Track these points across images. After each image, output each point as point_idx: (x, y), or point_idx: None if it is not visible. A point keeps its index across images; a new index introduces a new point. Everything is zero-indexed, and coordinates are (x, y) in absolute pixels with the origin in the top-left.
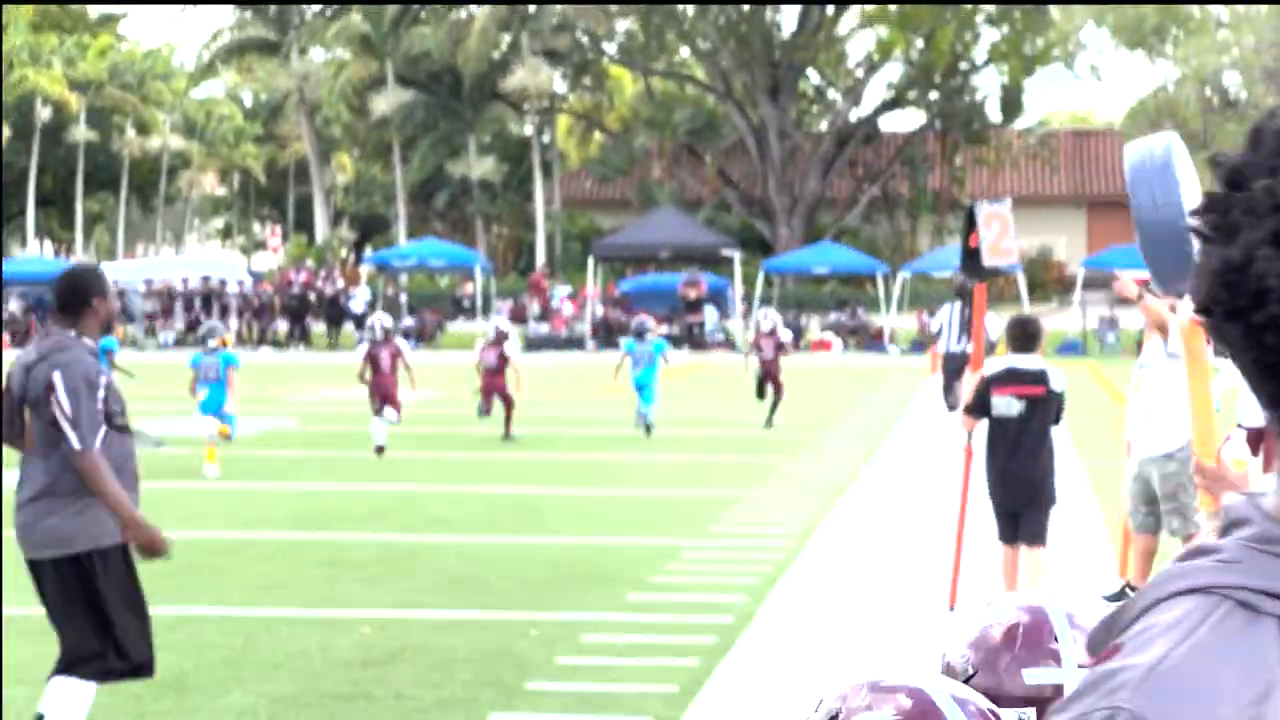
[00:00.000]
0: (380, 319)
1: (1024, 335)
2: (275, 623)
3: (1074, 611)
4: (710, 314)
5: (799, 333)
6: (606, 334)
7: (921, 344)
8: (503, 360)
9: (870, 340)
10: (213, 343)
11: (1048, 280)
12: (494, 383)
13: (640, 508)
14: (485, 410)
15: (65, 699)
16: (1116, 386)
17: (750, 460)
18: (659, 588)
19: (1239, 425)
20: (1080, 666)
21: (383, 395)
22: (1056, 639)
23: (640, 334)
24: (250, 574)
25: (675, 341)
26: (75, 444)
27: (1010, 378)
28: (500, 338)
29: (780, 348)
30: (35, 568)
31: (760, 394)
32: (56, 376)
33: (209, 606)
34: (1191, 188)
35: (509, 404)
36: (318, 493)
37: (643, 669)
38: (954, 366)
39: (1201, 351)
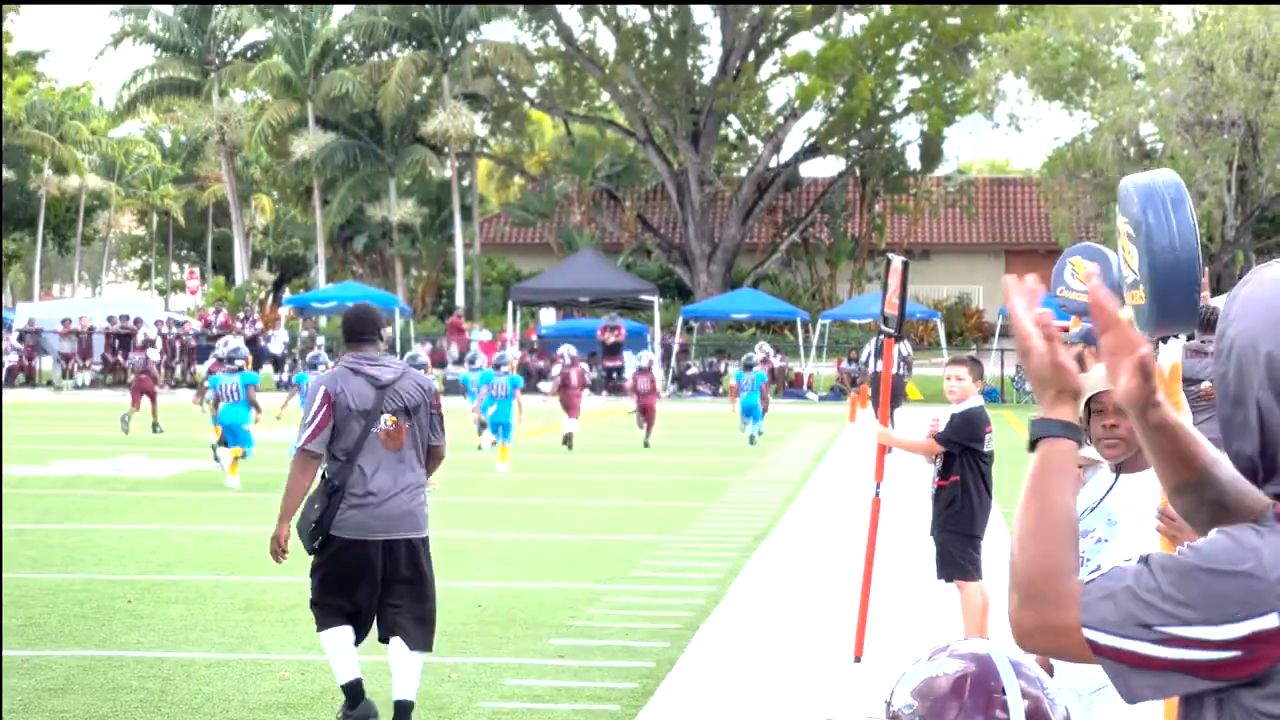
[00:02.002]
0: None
1: (983, 376)
2: (194, 665)
3: (1020, 660)
4: (629, 359)
5: (718, 378)
6: (526, 378)
7: (841, 390)
8: (653, 383)
9: (790, 386)
10: (239, 362)
11: (966, 328)
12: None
13: (562, 552)
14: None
15: None
16: None
17: (671, 505)
18: (581, 632)
19: None
20: (1027, 717)
21: None
22: (1004, 690)
23: (749, 366)
24: (168, 616)
25: (593, 386)
26: None
27: (986, 416)
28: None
29: (653, 385)
30: None
31: (640, 423)
32: None
33: (126, 649)
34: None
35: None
36: (237, 534)
37: (565, 714)
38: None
39: (1179, 401)
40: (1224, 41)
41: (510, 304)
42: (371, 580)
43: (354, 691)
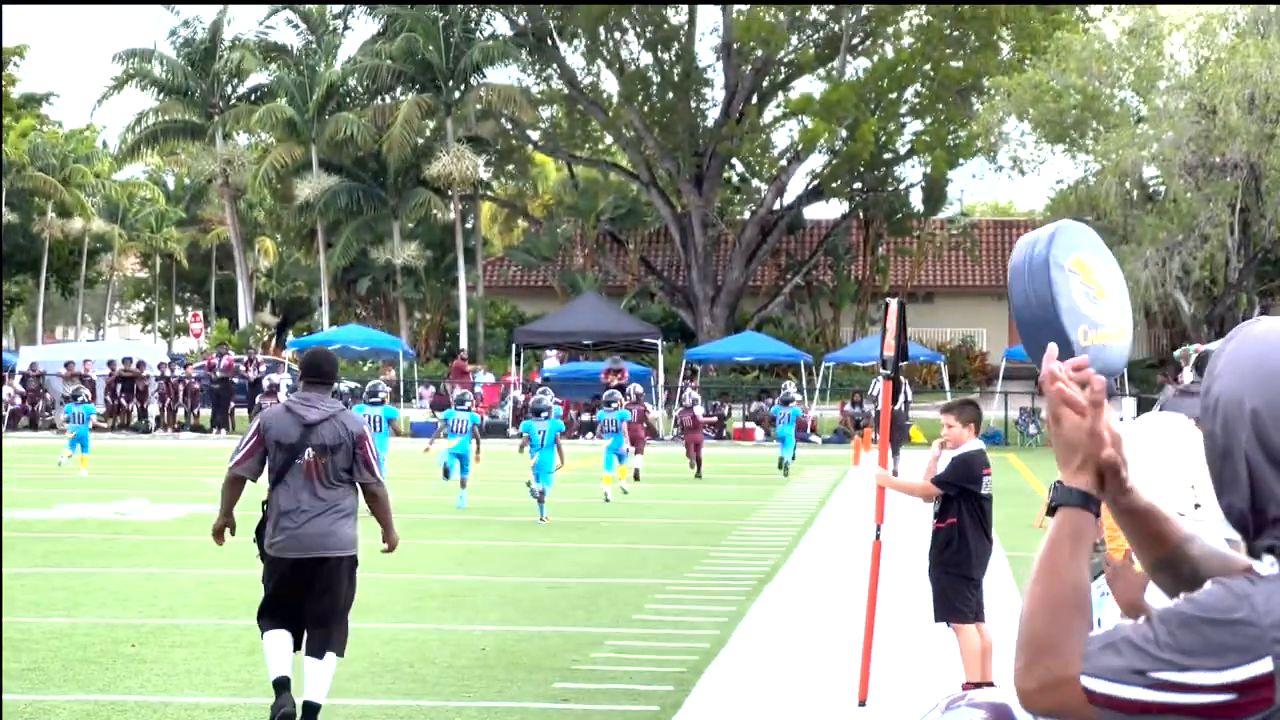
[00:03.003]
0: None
1: (979, 419)
2: (198, 710)
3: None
4: (636, 412)
5: (722, 421)
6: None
7: (844, 433)
8: (695, 420)
9: (800, 431)
10: (381, 396)
11: (970, 370)
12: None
13: (565, 595)
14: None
15: None
16: (1039, 477)
17: (675, 548)
18: (585, 676)
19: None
20: None
21: None
22: None
23: (786, 401)
24: (172, 660)
25: (594, 428)
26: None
27: (985, 458)
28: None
29: (695, 421)
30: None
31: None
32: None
33: (130, 694)
34: (1082, 279)
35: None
36: (240, 578)
37: None
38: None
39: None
40: (1226, 85)
41: (514, 347)
42: (297, 593)
43: (281, 686)
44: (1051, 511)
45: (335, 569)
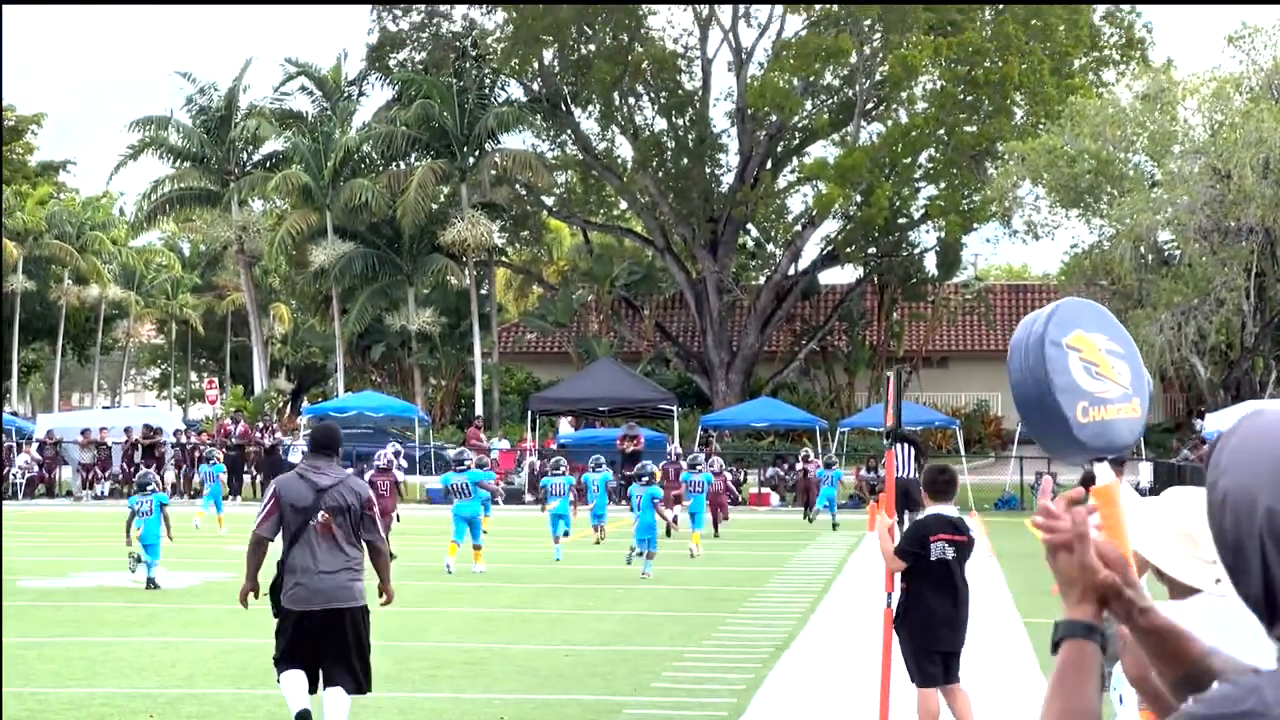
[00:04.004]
0: (468, 454)
1: (948, 484)
2: None
3: None
4: (655, 473)
5: (737, 486)
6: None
7: (859, 498)
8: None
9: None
10: (467, 462)
11: (985, 435)
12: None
13: (582, 663)
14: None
15: None
16: None
17: (692, 615)
18: None
19: None
20: None
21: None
22: None
23: (829, 464)
24: None
25: (613, 495)
26: None
27: (941, 524)
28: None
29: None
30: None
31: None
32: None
33: None
34: (1083, 355)
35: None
36: (257, 646)
37: None
38: (900, 490)
39: (1114, 515)
40: (1241, 149)
41: (529, 413)
42: (313, 641)
43: (303, 717)
44: (1055, 647)
45: (347, 619)
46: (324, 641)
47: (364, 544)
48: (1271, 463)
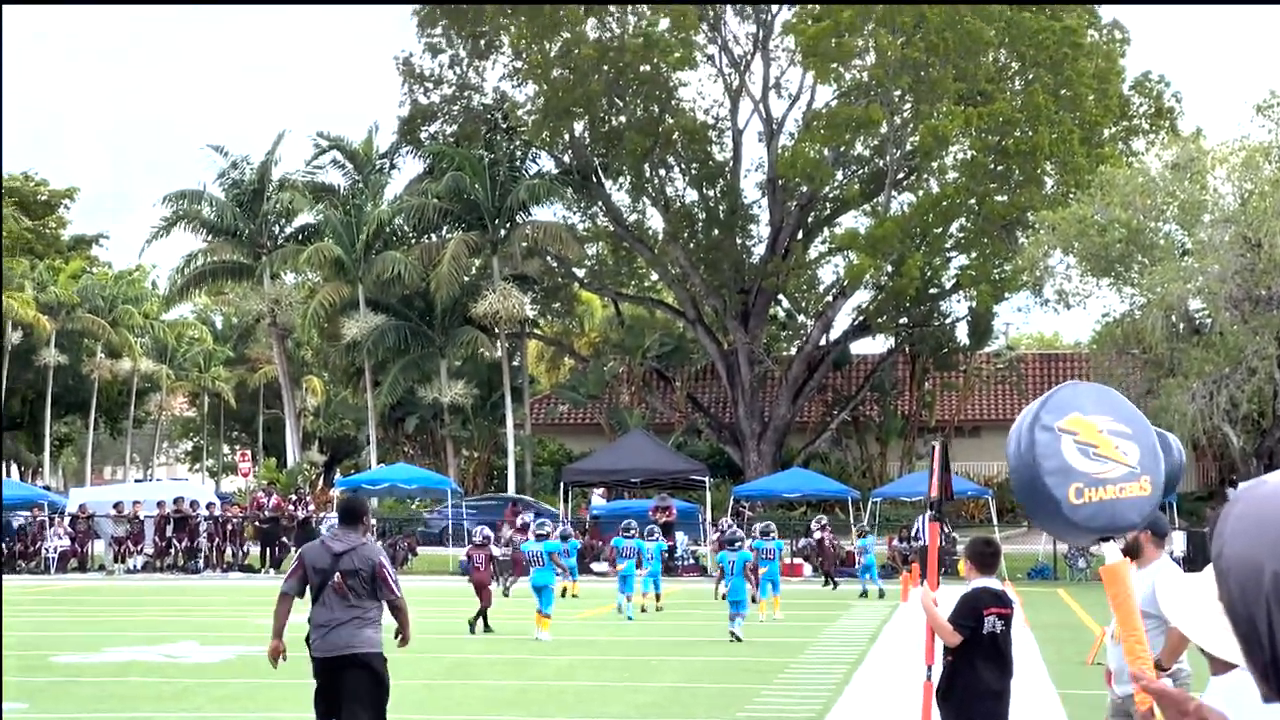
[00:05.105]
0: (482, 529)
1: (993, 556)
2: None
3: None
4: (680, 539)
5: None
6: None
7: (893, 569)
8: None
9: (841, 565)
10: (547, 528)
11: (1017, 504)
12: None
13: None
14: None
15: None
16: (1090, 613)
17: (725, 686)
18: None
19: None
20: None
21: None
22: None
23: (863, 534)
24: None
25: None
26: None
27: (991, 598)
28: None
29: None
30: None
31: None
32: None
33: None
34: (1079, 438)
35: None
36: None
37: None
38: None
39: (1123, 595)
40: (1271, 218)
41: (562, 485)
42: (335, 684)
43: None
44: None
45: (361, 663)
46: (342, 685)
47: (387, 604)
48: (1275, 531)
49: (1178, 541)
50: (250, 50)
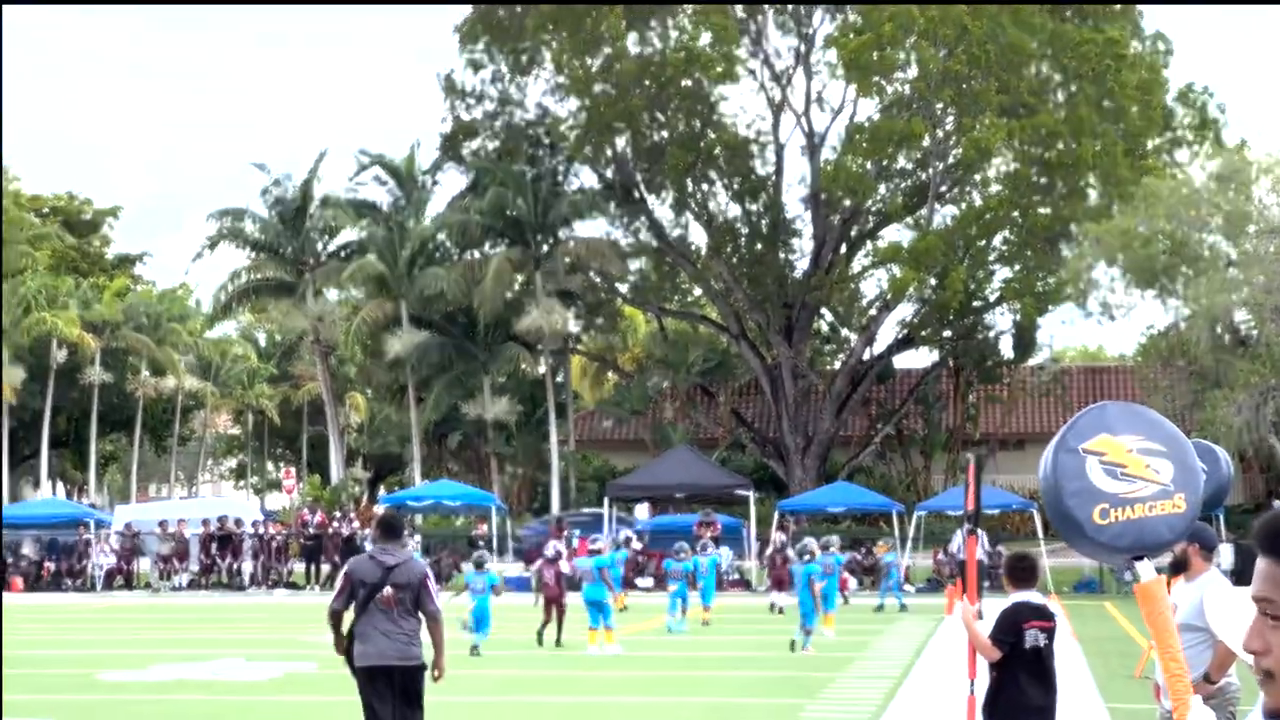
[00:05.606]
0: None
1: (1029, 571)
2: None
3: None
4: (725, 554)
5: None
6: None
7: (937, 582)
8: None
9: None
10: (600, 543)
11: None
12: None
13: None
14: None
15: None
16: (1136, 626)
17: (772, 702)
18: None
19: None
20: None
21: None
22: None
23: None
24: None
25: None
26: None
27: (1031, 612)
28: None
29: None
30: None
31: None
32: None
33: None
34: (1106, 459)
35: None
36: None
37: None
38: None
39: (1158, 613)
40: None
41: (606, 500)
42: (380, 693)
43: None
44: None
45: (406, 674)
46: (387, 694)
47: (423, 616)
48: None
49: (1225, 554)
50: (293, 67)
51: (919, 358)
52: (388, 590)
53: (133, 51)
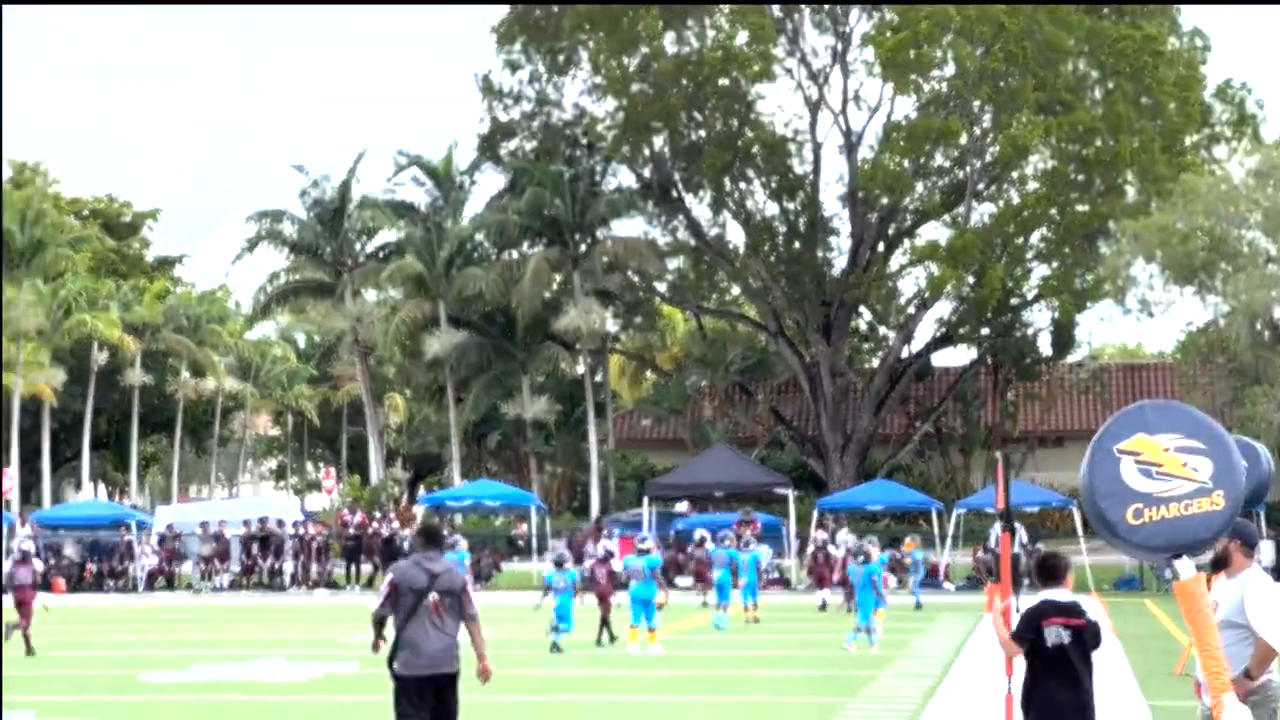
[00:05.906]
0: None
1: (1054, 568)
2: None
3: None
4: (765, 552)
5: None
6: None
7: (977, 580)
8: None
9: (925, 577)
10: (643, 546)
11: None
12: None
13: None
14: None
15: None
16: (1177, 623)
17: (811, 701)
18: None
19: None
20: None
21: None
22: None
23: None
24: None
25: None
26: None
27: (1053, 609)
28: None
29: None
30: None
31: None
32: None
33: None
34: (1142, 458)
35: None
36: None
37: None
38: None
39: (1197, 611)
40: None
41: (645, 499)
42: (423, 701)
43: None
44: None
45: (450, 680)
46: (436, 702)
47: (465, 620)
48: None
49: (1267, 551)
50: (331, 69)
51: (957, 355)
52: (434, 596)
53: (172, 53)
